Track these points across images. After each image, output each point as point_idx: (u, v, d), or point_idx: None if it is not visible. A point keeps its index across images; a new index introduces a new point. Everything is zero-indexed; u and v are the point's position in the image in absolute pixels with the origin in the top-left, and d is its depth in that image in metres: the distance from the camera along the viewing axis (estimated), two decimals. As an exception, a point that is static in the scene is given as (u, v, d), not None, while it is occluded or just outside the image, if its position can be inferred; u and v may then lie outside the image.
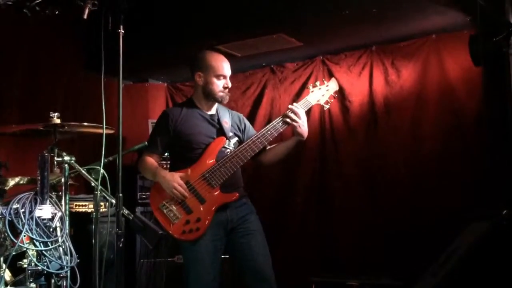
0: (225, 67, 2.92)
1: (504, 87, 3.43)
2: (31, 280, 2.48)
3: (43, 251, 2.50)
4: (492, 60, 3.46)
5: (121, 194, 2.41)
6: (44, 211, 2.56)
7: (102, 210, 3.51)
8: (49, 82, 4.44)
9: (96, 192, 2.71)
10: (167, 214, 2.75)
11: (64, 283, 2.56)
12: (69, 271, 2.58)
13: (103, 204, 3.58)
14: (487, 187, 3.73)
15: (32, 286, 2.49)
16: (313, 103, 2.98)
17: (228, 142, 2.90)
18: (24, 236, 2.47)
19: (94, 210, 2.79)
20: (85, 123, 3.07)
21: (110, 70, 2.51)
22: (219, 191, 2.80)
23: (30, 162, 2.99)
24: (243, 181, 2.99)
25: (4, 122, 3.83)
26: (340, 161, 4.71)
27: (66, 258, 2.56)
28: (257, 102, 5.20)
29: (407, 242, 4.15)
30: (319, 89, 3.03)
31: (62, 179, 2.82)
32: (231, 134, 2.95)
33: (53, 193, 2.77)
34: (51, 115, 2.91)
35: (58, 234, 2.58)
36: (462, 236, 2.86)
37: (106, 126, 2.61)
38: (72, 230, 3.07)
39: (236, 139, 2.97)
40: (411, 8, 3.80)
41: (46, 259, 2.50)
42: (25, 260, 2.54)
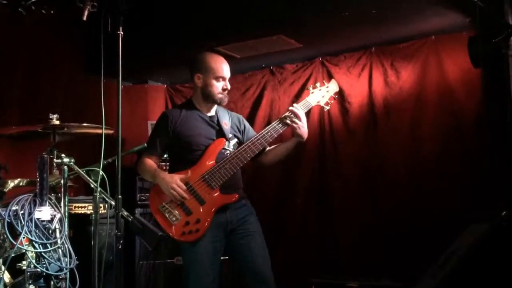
0: (224, 69, 2.92)
1: (503, 89, 3.43)
2: (30, 282, 2.47)
3: (42, 253, 2.49)
4: (491, 61, 3.47)
5: (120, 196, 2.40)
6: (43, 213, 2.56)
7: (101, 211, 3.50)
8: (48, 83, 4.44)
9: (95, 193, 2.70)
10: (167, 215, 2.74)
11: (63, 285, 2.55)
12: (68, 273, 2.57)
13: (103, 205, 3.57)
14: (486, 189, 3.74)
15: (31, 288, 2.49)
16: (313, 104, 2.98)
17: (227, 144, 2.90)
18: (23, 238, 2.46)
19: (93, 211, 2.77)
20: (84, 124, 3.06)
21: (110, 72, 2.51)
22: (219, 193, 2.80)
23: (29, 164, 2.98)
24: (243, 182, 2.99)
25: (3, 124, 3.83)
26: (339, 162, 4.71)
27: (65, 260, 2.55)
28: (256, 104, 5.20)
29: (407, 243, 4.15)
30: (319, 90, 3.02)
31: (61, 181, 2.81)
32: (231, 136, 2.95)
33: (52, 194, 2.76)
34: (51, 117, 2.91)
35: (57, 235, 2.58)
36: (462, 237, 2.87)
37: (106, 127, 2.60)
38: (71, 231, 3.06)
39: (235, 141, 2.96)
40: (411, 9, 3.80)
41: (45, 261, 2.49)
42: (24, 262, 2.53)
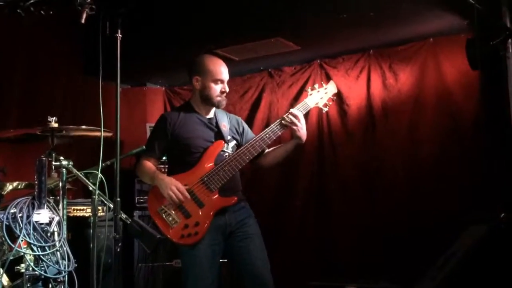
0: (223, 72, 2.91)
1: (501, 91, 3.44)
2: (29, 285, 2.46)
3: (41, 256, 2.48)
4: (489, 63, 3.48)
5: (119, 198, 2.41)
6: (41, 216, 2.55)
7: (100, 214, 3.49)
8: (47, 85, 4.44)
9: (94, 196, 2.70)
10: (166, 218, 2.74)
11: (61, 288, 2.56)
12: (66, 276, 2.56)
13: (101, 208, 3.56)
14: (485, 190, 3.74)
15: (29, 291, 2.48)
16: (311, 106, 2.98)
17: (226, 146, 2.89)
18: (21, 240, 2.45)
19: (92, 214, 2.78)
20: (83, 126, 3.06)
21: (108, 74, 2.51)
22: (218, 195, 2.79)
23: (28, 167, 2.98)
24: (242, 184, 2.98)
25: (2, 126, 3.82)
26: (338, 164, 4.72)
27: (64, 262, 2.55)
28: (255, 106, 5.21)
29: (406, 245, 4.15)
30: (318, 92, 3.02)
31: (60, 184, 2.81)
32: (230, 138, 2.94)
33: (50, 197, 2.76)
34: (49, 120, 2.91)
35: (55, 238, 2.57)
36: (461, 239, 2.87)
37: (104, 130, 2.60)
38: (69, 234, 3.04)
39: (234, 143, 2.96)
40: (409, 12, 3.81)
41: (43, 264, 2.48)
42: (22, 264, 2.51)
